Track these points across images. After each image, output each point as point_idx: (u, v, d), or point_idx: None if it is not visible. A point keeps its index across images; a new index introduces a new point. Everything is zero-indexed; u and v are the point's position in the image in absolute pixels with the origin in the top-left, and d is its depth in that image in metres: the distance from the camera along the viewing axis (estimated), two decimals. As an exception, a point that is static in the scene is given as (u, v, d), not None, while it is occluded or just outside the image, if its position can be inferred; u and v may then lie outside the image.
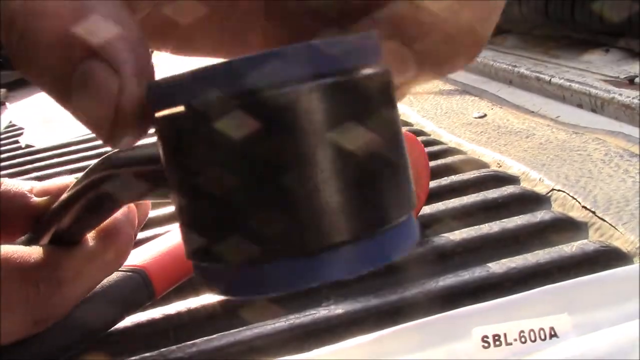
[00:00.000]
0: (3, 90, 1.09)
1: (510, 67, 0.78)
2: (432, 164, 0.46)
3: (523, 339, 0.24)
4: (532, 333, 0.24)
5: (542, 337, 0.24)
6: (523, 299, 0.26)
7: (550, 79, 0.71)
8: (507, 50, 0.84)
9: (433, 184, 0.42)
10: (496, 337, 0.24)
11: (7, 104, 1.05)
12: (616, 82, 0.67)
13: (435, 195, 0.40)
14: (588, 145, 0.45)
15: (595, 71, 0.71)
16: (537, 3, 0.81)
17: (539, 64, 0.76)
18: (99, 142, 0.71)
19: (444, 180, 0.42)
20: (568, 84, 0.70)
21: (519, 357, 0.24)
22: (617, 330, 0.23)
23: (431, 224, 0.37)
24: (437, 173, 0.44)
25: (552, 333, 0.24)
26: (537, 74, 0.73)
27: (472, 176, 0.42)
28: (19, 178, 0.63)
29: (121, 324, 0.31)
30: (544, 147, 0.46)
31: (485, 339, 0.25)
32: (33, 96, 1.01)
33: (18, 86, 1.12)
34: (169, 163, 0.15)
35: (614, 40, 0.76)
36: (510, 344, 0.24)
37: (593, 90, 0.67)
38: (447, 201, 0.39)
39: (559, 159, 0.42)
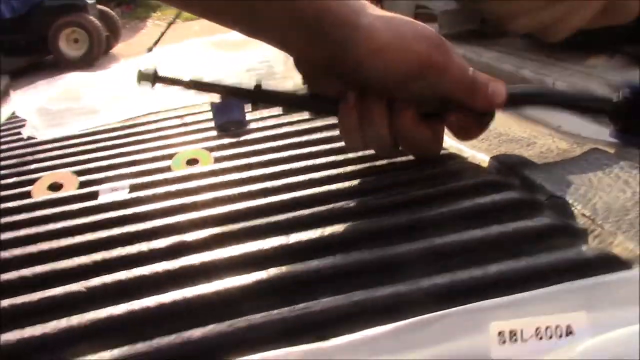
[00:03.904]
0: (5, 78, 1.08)
1: (514, 69, 0.77)
2: (433, 169, 0.46)
3: (539, 336, 0.24)
4: (548, 330, 0.24)
5: (559, 334, 0.24)
6: (540, 296, 0.26)
7: (554, 82, 0.71)
8: (512, 51, 0.84)
9: (432, 189, 0.41)
10: (512, 333, 0.24)
11: (10, 92, 1.05)
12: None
13: (435, 199, 0.40)
14: (589, 156, 0.44)
15: (599, 76, 0.71)
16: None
17: (544, 67, 0.76)
18: (101, 136, 0.72)
19: (444, 186, 0.42)
20: (571, 87, 0.69)
21: (534, 353, 0.24)
22: (635, 329, 0.23)
23: (429, 226, 0.37)
24: (437, 178, 0.44)
25: (569, 330, 0.24)
26: (541, 77, 0.73)
27: (471, 182, 0.42)
28: (19, 168, 0.63)
29: (115, 313, 0.31)
30: (545, 156, 0.46)
31: (501, 334, 0.24)
32: (36, 85, 1.01)
33: (22, 74, 1.12)
34: None
35: (620, 46, 0.75)
36: (526, 340, 0.24)
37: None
38: (446, 205, 0.39)
39: (560, 168, 0.42)
